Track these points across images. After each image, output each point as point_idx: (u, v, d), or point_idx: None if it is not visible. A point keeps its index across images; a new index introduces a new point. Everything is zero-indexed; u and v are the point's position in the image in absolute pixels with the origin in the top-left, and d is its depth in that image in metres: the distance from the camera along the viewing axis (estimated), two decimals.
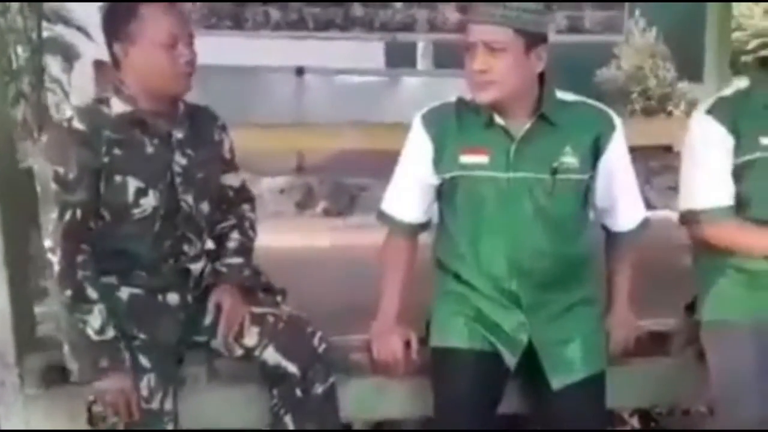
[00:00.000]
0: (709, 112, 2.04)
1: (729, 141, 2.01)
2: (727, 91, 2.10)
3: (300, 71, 7.00)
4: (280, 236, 2.33)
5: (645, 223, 2.07)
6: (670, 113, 8.00)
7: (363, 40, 5.50)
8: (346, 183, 6.53)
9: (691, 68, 6.42)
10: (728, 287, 2.07)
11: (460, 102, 1.97)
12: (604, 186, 1.97)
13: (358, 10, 4.21)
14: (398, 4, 4.23)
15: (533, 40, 1.83)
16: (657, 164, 6.23)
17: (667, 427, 2.95)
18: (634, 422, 2.96)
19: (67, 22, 5.91)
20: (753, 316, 1.99)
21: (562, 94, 1.95)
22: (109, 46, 1.90)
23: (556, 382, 1.90)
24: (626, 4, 4.37)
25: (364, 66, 8.14)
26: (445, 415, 1.94)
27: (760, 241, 2.03)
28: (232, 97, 2.02)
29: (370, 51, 8.52)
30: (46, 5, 5.70)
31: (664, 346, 2.36)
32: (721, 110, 2.03)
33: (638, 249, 2.10)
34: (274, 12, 4.07)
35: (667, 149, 6.94)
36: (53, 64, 5.98)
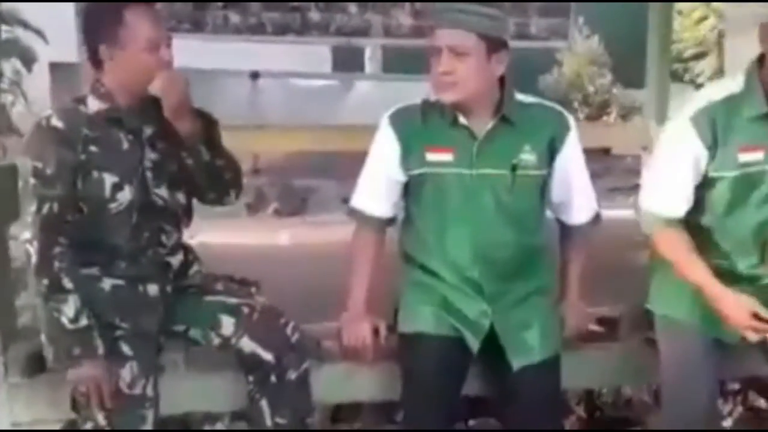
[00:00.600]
0: (694, 120, 1.97)
1: (704, 157, 1.99)
2: (717, 95, 2.00)
3: (255, 75, 7.07)
4: (245, 234, 2.42)
5: (597, 218, 2.21)
6: (609, 117, 8.29)
7: (319, 44, 5.62)
8: (296, 185, 6.61)
9: (632, 75, 6.67)
10: (675, 285, 2.10)
11: (426, 103, 2.08)
12: (559, 182, 2.10)
13: (314, 15, 4.30)
14: (353, 10, 4.33)
15: (494, 45, 1.95)
16: (598, 167, 6.49)
17: (610, 415, 3.09)
18: (580, 411, 3.11)
19: (25, 25, 5.87)
20: (699, 315, 2.07)
21: (520, 96, 2.08)
22: (93, 48, 1.96)
23: (516, 363, 2.03)
24: (572, 12, 4.50)
25: (312, 70, 8.25)
26: (412, 396, 2.06)
27: (688, 269, 2.02)
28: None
29: (318, 55, 8.62)
30: (3, 8, 5.65)
31: (613, 332, 2.53)
32: (705, 121, 1.96)
33: (590, 241, 2.23)
34: (234, 16, 4.14)
35: (606, 152, 7.22)
36: (8, 67, 5.93)
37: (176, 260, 2.11)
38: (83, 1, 3.28)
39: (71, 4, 3.54)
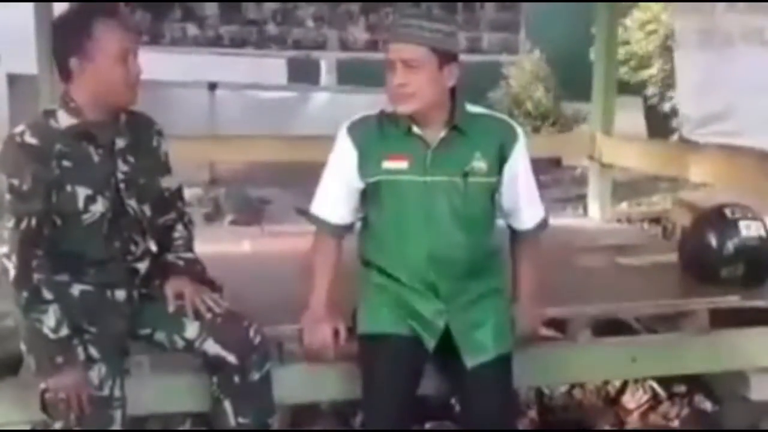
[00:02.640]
0: None
1: None
2: None
3: (213, 86, 7.11)
4: (205, 242, 2.49)
5: (543, 223, 2.30)
6: (553, 128, 8.51)
7: (276, 57, 5.67)
8: (252, 196, 6.64)
9: (576, 88, 6.83)
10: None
11: (382, 114, 2.17)
12: (508, 190, 2.20)
13: (272, 28, 4.37)
14: (310, 24, 4.41)
15: (446, 58, 2.05)
16: (546, 178, 6.64)
17: (562, 417, 3.17)
18: (532, 413, 3.17)
19: None
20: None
21: (470, 107, 2.17)
22: (63, 61, 1.99)
23: (470, 362, 2.11)
24: (522, 27, 4.62)
25: (268, 82, 8.31)
26: (371, 395, 2.14)
27: None
28: (147, 111, 2.16)
29: (273, 68, 8.67)
30: None
31: (562, 332, 2.66)
32: None
33: (539, 245, 2.33)
34: (192, 28, 4.18)
35: (557, 163, 7.41)
36: None
37: (143, 267, 2.16)
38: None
39: (31, 16, 3.55)
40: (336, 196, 2.22)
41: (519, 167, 2.19)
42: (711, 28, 3.60)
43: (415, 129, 2.11)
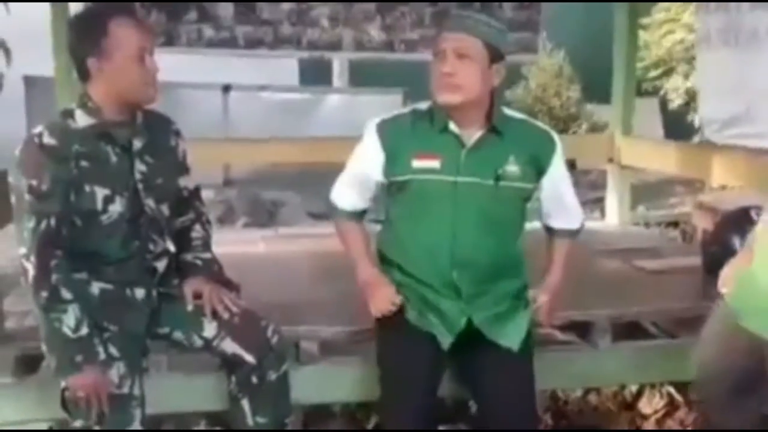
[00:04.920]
0: None
1: None
2: None
3: (226, 88, 7.12)
4: (224, 242, 2.50)
5: (582, 225, 2.30)
6: (575, 133, 8.39)
7: (290, 57, 5.68)
8: (265, 199, 6.65)
9: (597, 90, 6.78)
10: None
11: (415, 111, 2.14)
12: (551, 197, 2.19)
13: (286, 29, 4.36)
14: (325, 24, 4.40)
15: (495, 55, 2.03)
16: None
17: (576, 423, 3.12)
18: (547, 418, 3.12)
19: None
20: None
21: (507, 111, 2.15)
22: (80, 61, 2.00)
23: (504, 342, 2.09)
24: (542, 26, 4.56)
25: (280, 84, 8.33)
26: (389, 390, 2.13)
27: None
28: (162, 112, 2.18)
29: (285, 70, 8.69)
30: None
31: (582, 335, 2.64)
32: None
33: (573, 247, 2.31)
34: (208, 30, 4.19)
35: (572, 166, 7.36)
36: None
37: (161, 266, 2.16)
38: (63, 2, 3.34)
39: (47, 17, 3.56)
40: (354, 188, 2.22)
41: (558, 177, 2.18)
42: (735, 26, 3.54)
43: (452, 127, 2.07)
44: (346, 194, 2.24)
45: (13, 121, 5.97)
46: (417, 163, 2.08)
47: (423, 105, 2.13)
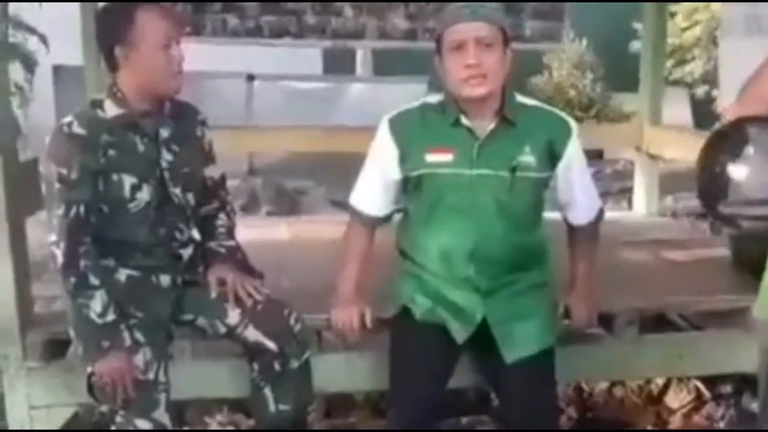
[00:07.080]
0: None
1: None
2: None
3: (251, 77, 7.13)
4: (248, 230, 2.51)
5: (600, 215, 2.24)
6: (598, 120, 8.30)
7: (315, 47, 5.66)
8: (288, 187, 6.66)
9: (622, 79, 6.70)
10: None
11: (425, 105, 2.11)
12: (564, 186, 2.13)
13: (310, 18, 4.36)
14: (348, 13, 4.39)
15: (507, 40, 2.00)
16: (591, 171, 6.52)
17: (602, 415, 3.09)
18: (571, 411, 3.10)
19: (30, 30, 5.92)
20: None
21: (520, 98, 2.09)
22: (108, 51, 2.02)
23: (509, 357, 2.04)
24: (566, 15, 4.50)
25: (304, 73, 8.33)
26: (398, 384, 2.12)
27: None
28: (188, 100, 2.20)
29: (308, 58, 8.69)
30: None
31: (607, 328, 2.59)
32: None
33: (597, 237, 2.27)
34: (232, 19, 4.20)
35: (599, 155, 7.27)
36: (14, 71, 5.97)
37: (186, 253, 2.18)
38: (90, 1, 3.39)
39: (76, 7, 3.59)
40: (373, 189, 2.18)
41: (574, 163, 2.12)
42: (760, 14, 3.48)
43: (464, 120, 2.03)
44: (367, 197, 2.19)
45: (43, 109, 6.07)
46: (430, 158, 2.04)
47: (433, 98, 2.10)
